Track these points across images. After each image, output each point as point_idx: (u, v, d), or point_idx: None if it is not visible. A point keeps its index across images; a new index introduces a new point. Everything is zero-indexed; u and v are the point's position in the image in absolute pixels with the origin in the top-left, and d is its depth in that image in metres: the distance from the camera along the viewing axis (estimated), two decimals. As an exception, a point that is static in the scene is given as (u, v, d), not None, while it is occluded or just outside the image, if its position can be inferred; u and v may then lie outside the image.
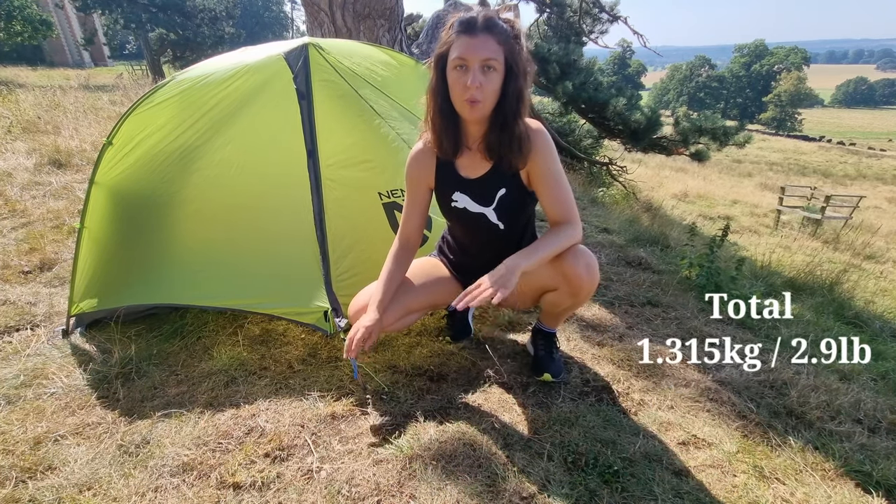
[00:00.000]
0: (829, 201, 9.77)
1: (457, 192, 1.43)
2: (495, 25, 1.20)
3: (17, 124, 5.23)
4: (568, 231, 1.36)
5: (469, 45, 1.19)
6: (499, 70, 1.22)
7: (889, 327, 2.82)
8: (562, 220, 1.38)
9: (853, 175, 23.88)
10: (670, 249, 3.40)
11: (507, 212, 1.43)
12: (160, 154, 1.78)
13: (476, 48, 1.19)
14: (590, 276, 1.38)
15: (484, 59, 1.19)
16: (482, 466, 1.25)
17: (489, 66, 1.20)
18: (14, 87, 9.35)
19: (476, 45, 1.19)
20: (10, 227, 2.90)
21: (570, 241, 1.36)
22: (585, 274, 1.37)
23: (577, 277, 1.37)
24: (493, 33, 1.20)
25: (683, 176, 14.67)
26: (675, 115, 7.41)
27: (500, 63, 1.21)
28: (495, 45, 1.20)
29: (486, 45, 1.19)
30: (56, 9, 26.09)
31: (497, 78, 1.22)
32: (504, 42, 1.21)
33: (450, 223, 1.59)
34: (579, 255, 1.37)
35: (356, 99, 1.89)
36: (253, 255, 1.75)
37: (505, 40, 1.21)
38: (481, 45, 1.19)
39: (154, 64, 22.77)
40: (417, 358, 1.73)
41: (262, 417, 1.43)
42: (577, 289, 1.40)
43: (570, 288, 1.40)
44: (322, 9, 3.28)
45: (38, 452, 1.31)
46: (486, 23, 1.20)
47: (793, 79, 53.89)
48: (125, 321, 1.89)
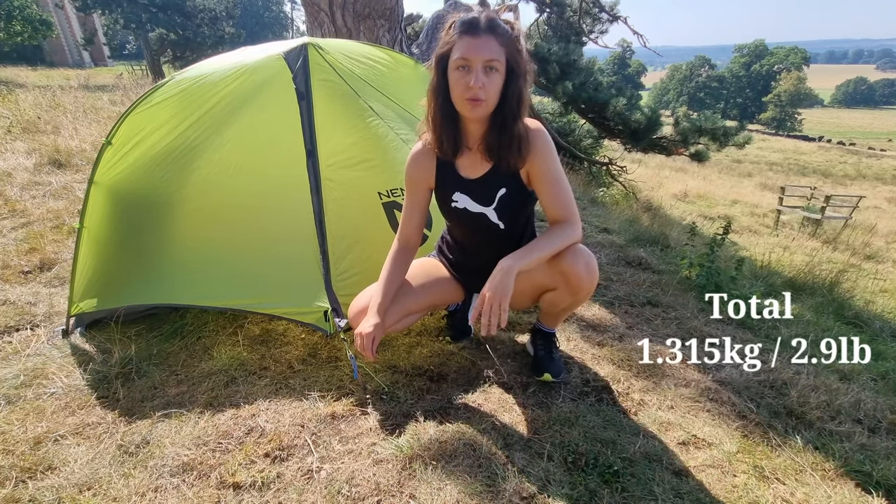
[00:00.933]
0: (828, 201, 9.77)
1: (457, 192, 1.43)
2: (497, 26, 1.21)
3: (16, 124, 5.23)
4: (566, 230, 1.35)
5: (472, 46, 1.20)
6: (500, 71, 1.22)
7: (889, 327, 2.82)
8: (561, 219, 1.37)
9: (853, 175, 23.89)
10: (670, 249, 3.40)
11: (508, 211, 1.43)
12: (159, 154, 1.78)
13: (479, 49, 1.19)
14: (589, 275, 1.38)
15: (487, 59, 1.20)
16: (482, 466, 1.25)
17: (491, 67, 1.21)
18: (14, 87, 9.35)
19: (479, 46, 1.19)
20: (10, 227, 2.90)
21: (569, 240, 1.35)
22: (585, 273, 1.37)
23: (577, 277, 1.37)
24: (496, 34, 1.20)
25: (683, 176, 14.67)
26: (675, 116, 7.41)
27: (502, 64, 1.22)
28: (497, 47, 1.20)
29: (488, 46, 1.19)
30: (56, 9, 26.09)
31: (499, 79, 1.23)
32: (506, 43, 1.21)
33: (449, 223, 1.59)
34: (578, 254, 1.36)
35: (355, 99, 1.89)
36: (253, 255, 1.75)
37: (506, 41, 1.21)
38: (484, 46, 1.19)
39: (154, 64, 22.76)
40: (417, 358, 1.73)
41: (262, 417, 1.42)
42: (577, 288, 1.40)
43: (569, 287, 1.40)
44: (322, 9, 3.28)
45: (38, 452, 1.31)
46: (489, 24, 1.20)
47: (793, 79, 53.91)
48: (125, 321, 1.89)
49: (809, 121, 58.58)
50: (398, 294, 1.51)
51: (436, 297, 1.63)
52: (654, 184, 11.61)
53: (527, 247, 1.32)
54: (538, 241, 1.35)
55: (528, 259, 1.28)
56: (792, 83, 53.42)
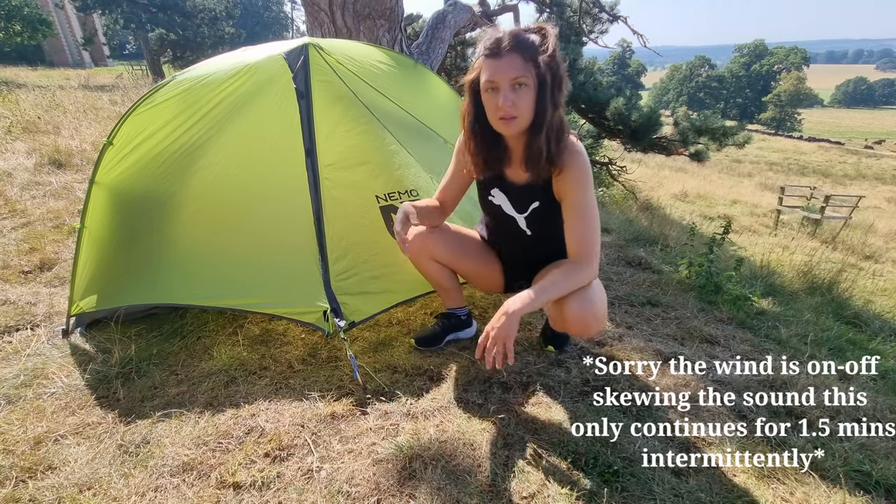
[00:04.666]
0: (828, 201, 9.78)
1: (496, 188, 1.47)
2: (520, 44, 1.20)
3: (17, 124, 5.23)
4: (581, 272, 1.32)
5: (496, 68, 1.21)
6: (530, 85, 1.22)
7: (888, 327, 2.82)
8: (577, 256, 1.35)
9: (853, 175, 23.89)
10: (670, 249, 3.40)
11: (537, 222, 1.47)
12: (161, 154, 1.79)
13: (503, 69, 1.21)
14: (596, 323, 1.38)
15: (512, 78, 1.21)
16: (482, 466, 1.25)
17: (519, 84, 1.22)
18: (14, 87, 9.35)
19: (502, 67, 1.21)
20: (10, 227, 2.90)
21: (580, 283, 1.33)
22: (592, 322, 1.36)
23: (582, 325, 1.36)
24: (519, 51, 1.20)
25: (683, 176, 14.67)
26: (675, 115, 7.40)
27: (531, 78, 1.22)
28: (522, 63, 1.20)
29: (512, 65, 1.20)
30: (56, 9, 26.06)
31: (529, 93, 1.23)
32: (532, 58, 1.21)
33: (485, 215, 1.65)
34: (585, 300, 1.34)
35: (355, 100, 1.89)
36: (252, 255, 1.75)
37: (532, 56, 1.21)
38: (508, 66, 1.20)
39: (154, 64, 22.74)
40: (417, 358, 1.73)
41: (262, 417, 1.43)
42: (580, 333, 1.43)
43: (572, 330, 1.42)
44: (322, 9, 3.28)
45: (38, 452, 1.31)
46: (511, 43, 1.20)
47: (792, 79, 53.89)
48: (125, 321, 1.89)
49: (809, 121, 58.55)
50: (464, 241, 1.65)
51: (480, 275, 1.69)
52: (654, 184, 11.62)
53: (537, 287, 1.28)
54: (549, 279, 1.31)
55: (535, 304, 1.26)
56: (792, 83, 53.40)
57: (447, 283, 1.72)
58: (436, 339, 1.79)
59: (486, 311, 2.10)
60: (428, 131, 2.15)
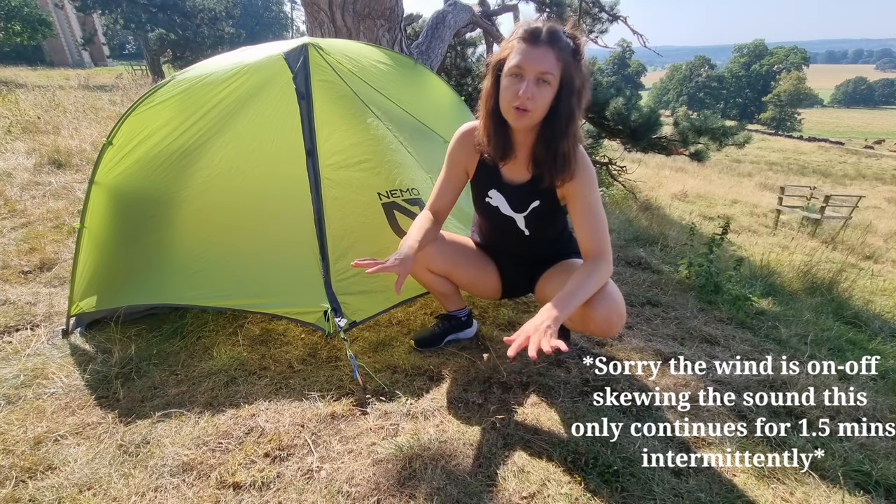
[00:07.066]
0: (828, 201, 9.77)
1: (494, 189, 1.45)
2: (559, 40, 1.19)
3: (16, 124, 5.22)
4: (601, 269, 1.32)
5: (528, 55, 1.19)
6: (553, 85, 1.21)
7: (888, 327, 2.82)
8: (594, 252, 1.35)
9: (852, 175, 23.88)
10: (670, 249, 3.40)
11: (536, 222, 1.46)
12: (160, 154, 1.78)
13: (535, 59, 1.19)
14: (619, 322, 1.37)
15: (541, 71, 1.19)
16: (482, 466, 1.25)
17: (544, 80, 1.20)
18: (14, 87, 9.34)
19: (535, 56, 1.19)
20: (10, 227, 2.90)
21: (603, 280, 1.33)
22: (617, 321, 1.36)
23: (607, 325, 1.36)
24: (554, 47, 1.19)
25: (683, 176, 14.66)
26: (675, 115, 7.41)
27: (556, 78, 1.21)
28: (554, 60, 1.19)
29: (545, 58, 1.18)
30: (56, 9, 26.06)
31: (549, 92, 1.22)
32: (563, 58, 1.20)
33: (479, 216, 1.62)
34: (607, 300, 1.33)
35: (355, 100, 1.89)
36: (253, 255, 1.75)
37: (564, 56, 1.20)
38: (541, 57, 1.18)
39: (154, 64, 22.72)
40: (417, 358, 1.73)
41: (262, 417, 1.42)
42: (604, 333, 1.42)
43: (595, 331, 1.41)
44: (322, 9, 3.28)
45: (38, 452, 1.31)
46: (550, 35, 1.19)
47: (792, 79, 53.88)
48: (125, 321, 1.89)
49: (809, 121, 58.55)
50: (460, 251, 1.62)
51: (478, 273, 1.65)
52: (654, 183, 11.61)
53: (567, 294, 1.25)
54: (577, 286, 1.27)
55: (570, 309, 1.23)
56: (791, 83, 53.40)
57: (446, 290, 1.72)
58: (435, 341, 1.79)
59: (486, 310, 2.10)
60: (427, 131, 2.15)
